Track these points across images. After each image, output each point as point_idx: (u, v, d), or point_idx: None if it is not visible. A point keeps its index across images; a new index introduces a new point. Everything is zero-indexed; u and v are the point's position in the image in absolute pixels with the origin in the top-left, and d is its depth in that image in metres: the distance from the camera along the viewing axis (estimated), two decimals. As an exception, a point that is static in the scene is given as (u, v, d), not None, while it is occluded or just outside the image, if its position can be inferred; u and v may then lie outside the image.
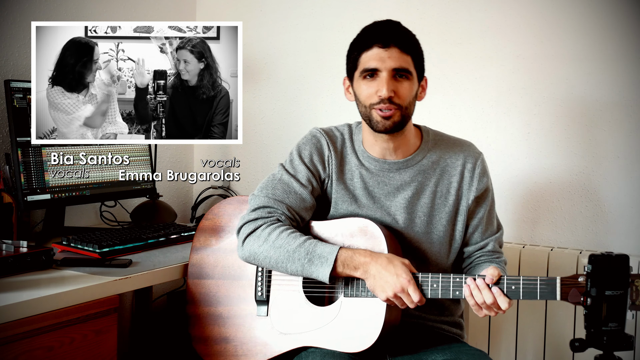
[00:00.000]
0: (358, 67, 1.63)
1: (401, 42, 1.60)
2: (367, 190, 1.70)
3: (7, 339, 1.40)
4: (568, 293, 1.42)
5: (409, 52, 1.61)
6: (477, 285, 1.48)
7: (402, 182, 1.69)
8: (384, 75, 1.59)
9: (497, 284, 1.47)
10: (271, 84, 2.72)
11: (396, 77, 1.60)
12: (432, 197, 1.69)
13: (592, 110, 2.14)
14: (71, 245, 1.88)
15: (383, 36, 1.60)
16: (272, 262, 1.60)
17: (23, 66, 2.22)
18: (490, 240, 1.72)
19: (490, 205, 1.73)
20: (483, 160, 1.73)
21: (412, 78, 1.62)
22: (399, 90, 1.60)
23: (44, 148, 2.05)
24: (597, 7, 2.11)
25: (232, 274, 1.75)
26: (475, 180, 1.69)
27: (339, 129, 1.78)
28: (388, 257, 1.54)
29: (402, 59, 1.59)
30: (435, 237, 1.70)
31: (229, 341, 1.71)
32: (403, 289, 1.49)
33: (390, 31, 1.62)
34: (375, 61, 1.59)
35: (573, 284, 1.42)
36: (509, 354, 2.16)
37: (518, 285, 1.46)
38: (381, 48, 1.59)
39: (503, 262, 1.72)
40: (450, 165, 1.70)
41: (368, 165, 1.71)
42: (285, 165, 1.73)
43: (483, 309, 1.49)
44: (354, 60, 1.65)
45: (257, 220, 1.64)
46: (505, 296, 1.46)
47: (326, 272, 1.54)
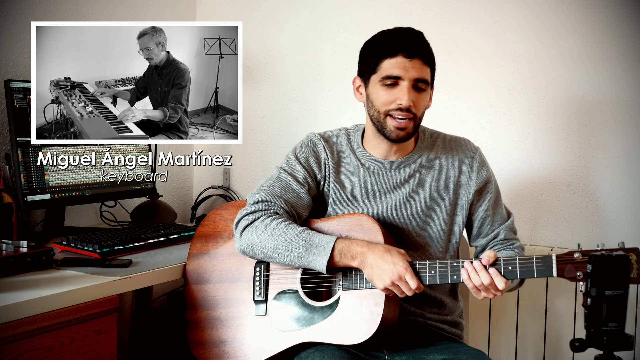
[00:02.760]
0: (377, 72, 1.64)
1: (424, 54, 1.63)
2: (366, 188, 1.72)
3: (7, 339, 1.40)
4: (564, 269, 1.44)
5: (429, 63, 1.65)
6: (474, 267, 1.50)
7: (401, 180, 1.71)
8: (406, 84, 1.61)
9: (494, 265, 1.49)
10: (271, 84, 2.72)
11: (415, 88, 1.62)
12: (431, 192, 1.71)
13: (591, 110, 2.14)
14: (71, 245, 1.88)
15: (408, 46, 1.62)
16: (270, 252, 1.61)
17: (23, 66, 2.22)
18: (501, 229, 1.74)
19: (495, 195, 1.75)
20: (480, 153, 1.75)
21: (428, 89, 1.66)
22: (417, 100, 1.63)
23: (44, 148, 2.05)
24: (597, 7, 2.11)
25: (229, 277, 1.76)
26: (474, 174, 1.72)
27: (335, 133, 1.80)
28: (385, 246, 1.56)
29: (423, 70, 1.63)
30: (434, 232, 1.71)
31: (228, 343, 1.70)
32: (400, 277, 1.50)
33: (415, 42, 1.64)
34: (399, 69, 1.61)
35: (568, 260, 1.44)
36: (509, 354, 2.16)
37: (515, 265, 1.48)
38: (405, 58, 1.61)
39: (519, 248, 1.74)
40: (448, 161, 1.73)
41: (368, 165, 1.73)
42: (282, 166, 1.76)
43: (481, 291, 1.51)
44: (372, 64, 1.65)
45: (255, 213, 1.66)
46: (502, 276, 1.48)
47: (323, 261, 1.55)
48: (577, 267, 1.43)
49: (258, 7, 2.74)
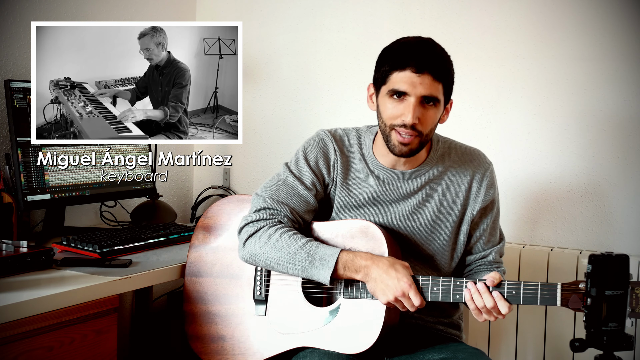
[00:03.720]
0: (387, 84, 1.58)
1: (435, 69, 1.54)
2: (373, 197, 1.69)
3: (7, 339, 1.40)
4: (568, 299, 1.42)
5: (441, 79, 1.56)
6: (477, 289, 1.48)
7: (409, 191, 1.68)
8: (412, 100, 1.54)
9: (498, 288, 1.47)
10: (271, 84, 2.72)
11: (423, 104, 1.56)
12: (439, 206, 1.68)
13: (592, 110, 2.14)
14: (71, 245, 1.87)
15: (419, 60, 1.53)
16: (273, 264, 1.60)
17: (23, 66, 2.22)
18: (491, 251, 1.72)
19: (494, 217, 1.73)
20: (492, 171, 1.71)
21: (439, 105, 1.58)
22: (424, 117, 1.56)
23: (43, 148, 2.05)
24: (597, 7, 2.11)
25: (230, 272, 1.75)
26: (482, 192, 1.68)
27: (346, 132, 1.75)
28: (389, 260, 1.53)
29: (433, 86, 1.54)
30: (438, 245, 1.69)
31: (226, 340, 1.70)
32: (404, 293, 1.49)
33: (426, 55, 1.55)
34: (407, 85, 1.53)
35: (574, 290, 1.42)
36: (509, 354, 2.16)
37: (519, 290, 1.46)
38: (414, 73, 1.53)
39: (502, 272, 1.71)
40: (459, 175, 1.69)
41: (377, 173, 1.69)
42: (290, 166, 1.72)
43: (483, 313, 1.49)
44: (383, 74, 1.58)
45: (259, 222, 1.64)
46: (505, 300, 1.46)
47: (327, 275, 1.54)
48: (582, 298, 1.41)
49: (258, 7, 2.74)
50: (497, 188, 1.73)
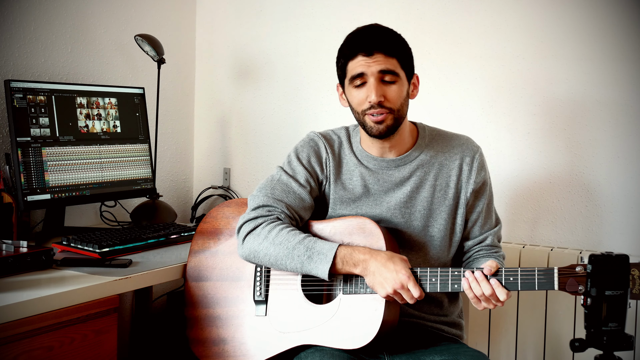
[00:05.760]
0: (347, 75, 1.65)
1: (385, 47, 1.60)
2: (367, 187, 1.71)
3: (7, 339, 1.40)
4: (566, 283, 1.43)
5: (394, 54, 1.61)
6: (475, 277, 1.49)
7: (401, 179, 1.70)
8: (372, 80, 1.60)
9: (495, 276, 1.48)
10: (271, 84, 2.72)
11: (385, 83, 1.61)
12: (432, 191, 1.70)
13: (591, 110, 2.14)
14: (71, 245, 1.88)
15: (366, 44, 1.60)
16: (272, 260, 1.61)
17: (23, 66, 2.22)
18: (489, 234, 1.74)
19: (488, 199, 1.74)
20: (481, 154, 1.74)
21: (401, 79, 1.63)
22: (388, 94, 1.61)
23: (43, 148, 2.05)
24: (597, 7, 2.11)
25: (230, 275, 1.75)
26: (473, 174, 1.71)
27: (336, 132, 1.79)
28: (387, 254, 1.55)
29: (387, 61, 1.60)
30: (436, 231, 1.70)
31: (228, 342, 1.70)
32: (403, 285, 1.50)
33: (372, 38, 1.61)
34: (361, 67, 1.60)
35: (570, 273, 1.43)
36: (509, 354, 2.16)
37: (516, 277, 1.47)
38: (365, 56, 1.60)
39: (501, 257, 1.74)
40: (449, 159, 1.72)
41: (367, 164, 1.72)
42: (283, 167, 1.75)
43: (482, 301, 1.50)
44: (342, 67, 1.66)
45: (257, 219, 1.65)
46: (503, 287, 1.47)
47: (325, 269, 1.55)
48: (578, 281, 1.41)
49: (258, 7, 2.74)
50: (487, 171, 1.76)
